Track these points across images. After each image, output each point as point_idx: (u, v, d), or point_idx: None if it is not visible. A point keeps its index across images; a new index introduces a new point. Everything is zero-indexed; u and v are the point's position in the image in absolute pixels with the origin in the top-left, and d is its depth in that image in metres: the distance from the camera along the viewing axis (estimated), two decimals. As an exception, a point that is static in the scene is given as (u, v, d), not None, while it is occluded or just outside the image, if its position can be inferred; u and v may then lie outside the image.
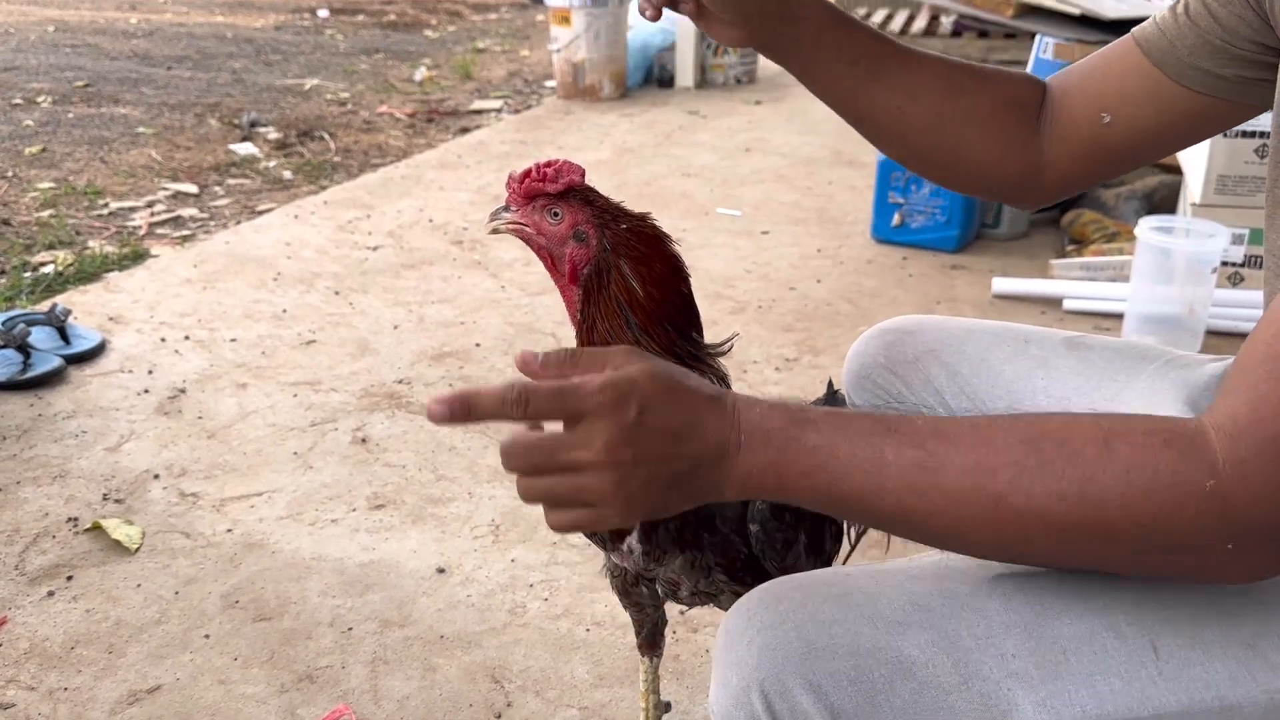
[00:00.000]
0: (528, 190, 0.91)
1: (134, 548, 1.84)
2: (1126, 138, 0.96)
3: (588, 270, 0.92)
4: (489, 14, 9.43)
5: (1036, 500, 0.66)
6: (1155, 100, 0.93)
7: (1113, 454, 0.66)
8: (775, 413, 0.71)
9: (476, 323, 2.81)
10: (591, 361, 0.70)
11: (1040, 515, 0.67)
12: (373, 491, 2.03)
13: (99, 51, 6.54)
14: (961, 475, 0.68)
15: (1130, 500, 0.65)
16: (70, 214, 3.68)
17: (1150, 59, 0.93)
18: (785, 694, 0.71)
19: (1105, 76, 0.97)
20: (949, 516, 0.69)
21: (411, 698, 1.51)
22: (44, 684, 1.53)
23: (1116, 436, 0.67)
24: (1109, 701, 0.71)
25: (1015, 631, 0.73)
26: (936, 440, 0.69)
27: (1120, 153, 0.98)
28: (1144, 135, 0.96)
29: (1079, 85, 0.99)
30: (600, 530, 0.74)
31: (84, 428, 2.23)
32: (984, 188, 1.07)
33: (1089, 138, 0.98)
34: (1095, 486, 0.66)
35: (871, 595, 0.75)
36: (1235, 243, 2.72)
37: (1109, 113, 0.96)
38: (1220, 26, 0.87)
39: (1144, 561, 0.69)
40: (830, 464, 0.69)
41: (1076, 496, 0.66)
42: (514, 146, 4.70)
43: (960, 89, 0.99)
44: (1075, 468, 0.66)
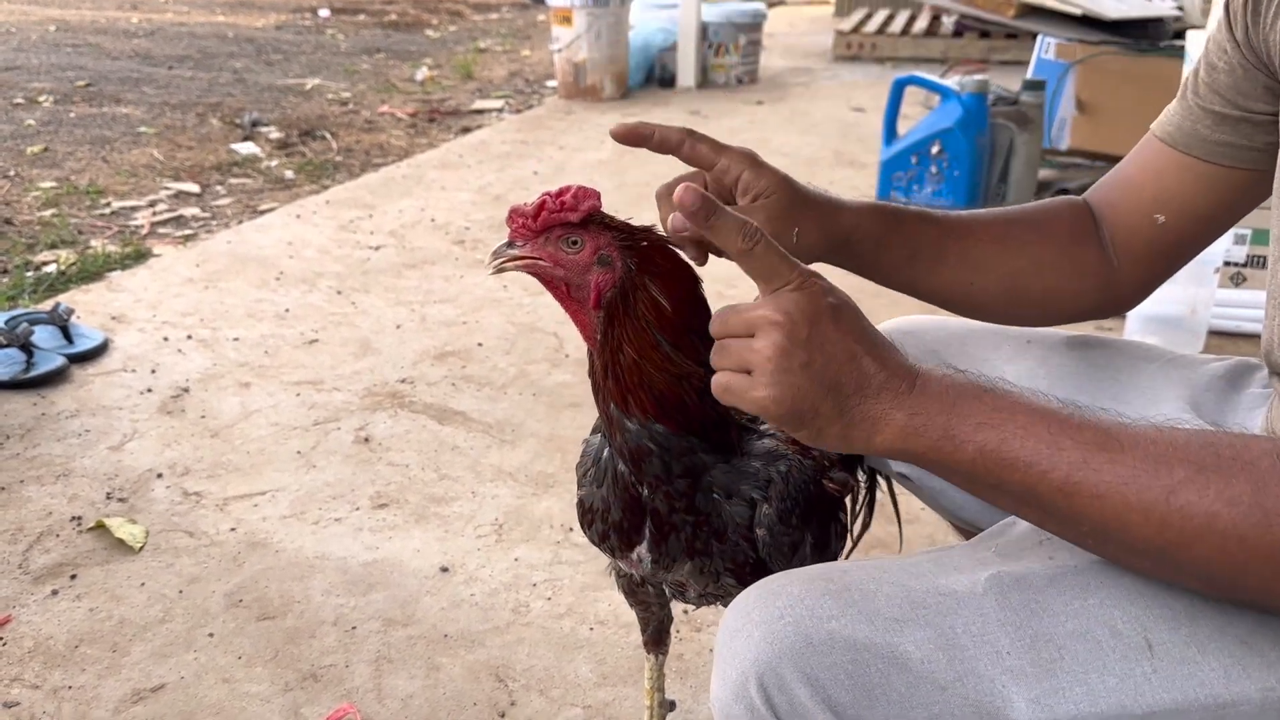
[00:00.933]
0: (546, 222, 0.86)
1: (138, 547, 1.84)
2: (1184, 229, 0.99)
3: (611, 294, 0.88)
4: (490, 14, 9.43)
5: (1208, 500, 0.64)
6: (1198, 187, 0.95)
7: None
8: (959, 376, 0.72)
9: (479, 322, 2.81)
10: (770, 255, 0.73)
11: (1210, 517, 0.64)
12: (376, 491, 2.03)
13: (100, 51, 6.55)
14: (1139, 461, 0.66)
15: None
16: (72, 213, 3.69)
17: (1178, 149, 0.95)
18: (783, 687, 0.72)
19: (1143, 179, 0.99)
20: (1116, 502, 0.66)
21: (415, 696, 1.51)
22: (48, 682, 1.54)
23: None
24: (1103, 699, 0.71)
25: (1010, 629, 0.74)
26: (1120, 428, 0.68)
27: (1184, 244, 1.01)
28: (1200, 222, 0.98)
29: (1122, 197, 1.01)
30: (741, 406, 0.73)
31: (87, 427, 2.23)
32: (1074, 316, 1.09)
33: (1149, 241, 1.00)
34: (1266, 498, 0.63)
35: (869, 592, 0.76)
36: (1237, 243, 2.72)
37: (1161, 213, 0.98)
38: (1226, 96, 0.89)
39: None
40: (1007, 424, 0.68)
41: (1249, 504, 0.63)
42: (515, 146, 4.70)
43: (1020, 244, 1.01)
44: (1251, 475, 0.64)
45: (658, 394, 0.88)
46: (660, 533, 0.95)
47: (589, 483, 1.01)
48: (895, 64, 6.79)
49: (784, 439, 0.98)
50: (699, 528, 0.95)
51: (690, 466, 0.91)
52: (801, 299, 0.71)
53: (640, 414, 0.89)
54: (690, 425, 0.90)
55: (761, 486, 0.95)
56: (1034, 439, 0.68)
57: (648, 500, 0.94)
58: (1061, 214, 1.03)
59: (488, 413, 2.32)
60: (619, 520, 0.97)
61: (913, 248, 0.98)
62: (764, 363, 0.71)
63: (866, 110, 5.40)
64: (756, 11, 6.20)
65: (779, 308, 0.71)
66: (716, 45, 6.09)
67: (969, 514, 1.17)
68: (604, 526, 0.99)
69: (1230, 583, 0.67)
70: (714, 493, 0.94)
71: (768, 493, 0.94)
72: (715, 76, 6.15)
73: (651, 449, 0.90)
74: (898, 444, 0.71)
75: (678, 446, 0.90)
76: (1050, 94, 3.88)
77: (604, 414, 0.92)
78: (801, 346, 0.70)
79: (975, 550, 0.83)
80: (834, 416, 0.71)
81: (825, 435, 0.73)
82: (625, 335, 0.88)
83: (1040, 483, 0.68)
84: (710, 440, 0.92)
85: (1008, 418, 0.69)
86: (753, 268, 0.73)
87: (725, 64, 6.14)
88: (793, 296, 0.71)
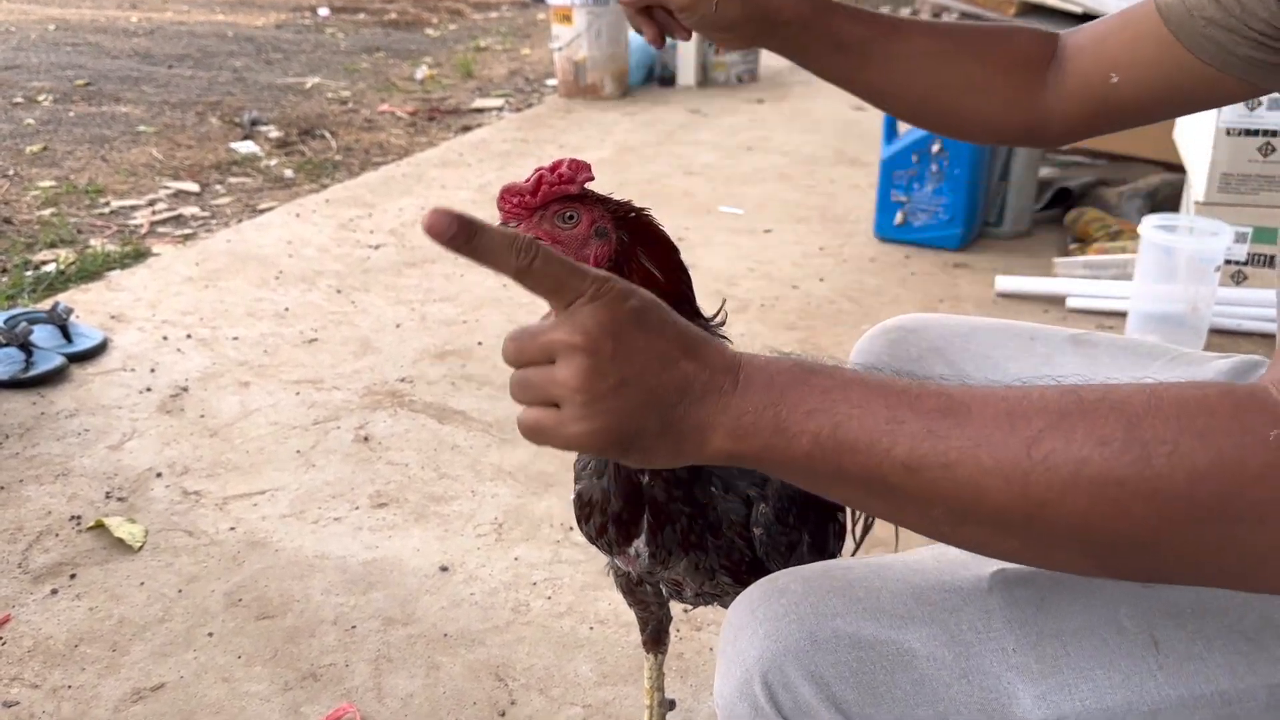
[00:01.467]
0: (546, 195, 0.85)
1: (137, 546, 1.84)
2: (1132, 98, 0.98)
3: (607, 269, 0.87)
4: (490, 12, 9.42)
5: (1075, 445, 0.57)
6: (1165, 66, 0.94)
7: (1160, 403, 0.57)
8: (783, 361, 0.65)
9: (479, 321, 2.81)
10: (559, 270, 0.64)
11: (1079, 464, 0.57)
12: (375, 490, 2.03)
13: (100, 50, 6.54)
14: (992, 419, 0.59)
15: (1182, 446, 0.55)
16: (72, 212, 3.68)
17: (1168, 25, 0.93)
18: (788, 685, 0.72)
19: (1120, 38, 0.99)
20: (969, 468, 0.59)
21: (415, 696, 1.51)
22: (48, 682, 1.53)
23: (1164, 388, 0.58)
24: (1109, 695, 0.71)
25: (1016, 626, 0.73)
26: (965, 392, 0.61)
27: (1124, 112, 1.00)
28: (1149, 98, 0.98)
29: (1092, 43, 1.01)
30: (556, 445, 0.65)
31: (86, 426, 2.23)
32: (988, 139, 1.12)
33: (1095, 95, 0.99)
34: (1143, 431, 0.56)
35: (874, 589, 0.76)
36: (1239, 241, 2.72)
37: (1118, 73, 0.97)
38: (1239, 4, 0.88)
39: (1199, 539, 0.57)
40: (840, 405, 0.61)
41: (1122, 441, 0.56)
42: (515, 145, 4.70)
43: (954, 61, 1.02)
44: (1121, 414, 0.57)
45: None
46: (657, 522, 0.95)
47: (588, 475, 1.01)
48: (895, 62, 6.78)
49: None
50: (695, 519, 0.95)
51: None
52: (599, 311, 0.62)
53: None
54: None
55: (758, 484, 0.95)
56: (871, 416, 0.61)
57: (647, 488, 0.94)
58: (1016, 42, 1.03)
59: (488, 411, 2.31)
60: (618, 511, 0.97)
61: (837, 41, 1.00)
62: (572, 394, 0.62)
63: (867, 109, 5.39)
64: (757, 10, 6.19)
65: (576, 326, 0.62)
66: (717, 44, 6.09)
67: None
68: (602, 519, 0.99)
69: (1111, 541, 0.58)
70: (712, 484, 0.94)
71: (764, 490, 0.94)
72: (716, 75, 6.15)
73: None
74: (730, 448, 0.64)
75: None
76: (1051, 92, 3.86)
77: None
78: (610, 364, 0.62)
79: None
80: (659, 433, 0.64)
81: (655, 454, 0.66)
82: None
83: (883, 462, 0.60)
84: None
85: (840, 398, 0.62)
86: (536, 285, 0.63)
87: (726, 62, 6.13)
88: (588, 310, 0.62)
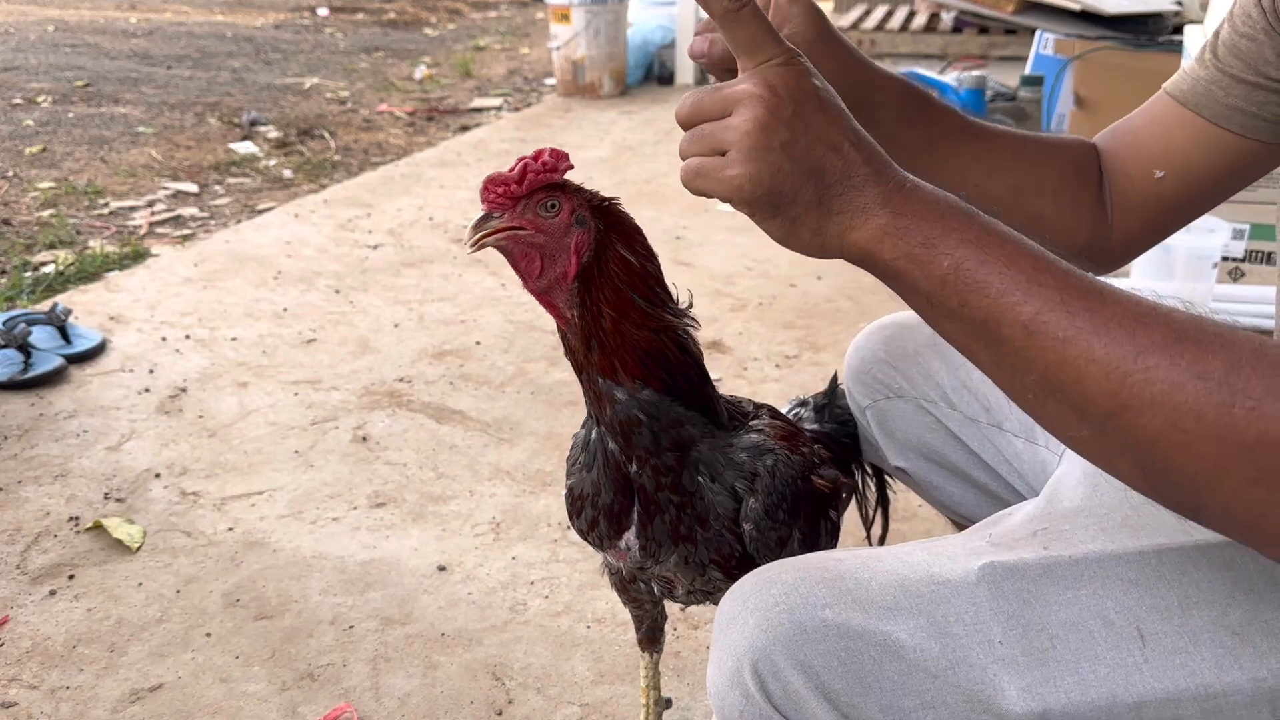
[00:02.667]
0: (532, 183, 0.86)
1: (135, 547, 1.84)
2: (1182, 190, 0.98)
3: (588, 257, 0.89)
4: (489, 11, 9.42)
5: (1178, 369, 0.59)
6: (1201, 148, 0.94)
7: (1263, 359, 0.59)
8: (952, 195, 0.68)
9: (477, 321, 2.81)
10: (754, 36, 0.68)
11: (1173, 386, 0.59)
12: (373, 490, 2.03)
13: (99, 51, 6.54)
14: (1119, 314, 0.61)
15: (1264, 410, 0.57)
16: (71, 213, 3.69)
17: (1187, 107, 0.94)
18: (777, 673, 0.73)
19: (1149, 133, 0.99)
20: (1080, 349, 0.61)
21: (413, 695, 1.51)
22: (46, 683, 1.54)
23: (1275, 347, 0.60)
24: (1094, 688, 0.71)
25: (1003, 618, 0.74)
26: (1109, 286, 0.64)
27: (1178, 206, 0.99)
28: (1197, 185, 0.97)
29: (1126, 146, 1.01)
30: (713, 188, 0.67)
31: (85, 427, 2.23)
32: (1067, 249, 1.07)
33: (1145, 195, 0.99)
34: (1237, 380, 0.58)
35: (863, 580, 0.76)
36: (1236, 238, 2.72)
37: (1160, 168, 0.97)
38: (1247, 61, 0.88)
39: (1248, 497, 0.59)
40: (993, 248, 0.64)
41: (1218, 381, 0.58)
42: (514, 144, 4.70)
43: (1031, 161, 1.00)
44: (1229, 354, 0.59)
45: (641, 352, 0.90)
46: (647, 513, 0.96)
47: (578, 469, 1.02)
48: (894, 60, 6.77)
49: (771, 433, 0.99)
50: (683, 509, 0.95)
51: (678, 439, 0.93)
52: (788, 74, 0.66)
53: (628, 378, 0.90)
54: (675, 382, 0.92)
55: (747, 478, 0.95)
56: (1015, 268, 0.63)
57: (636, 477, 0.95)
58: (1074, 148, 1.02)
59: (486, 411, 2.32)
60: (609, 504, 0.97)
61: (932, 132, 0.97)
62: (741, 138, 0.65)
63: (865, 107, 5.40)
64: (755, 8, 6.18)
65: (762, 80, 0.66)
66: (715, 42, 6.08)
67: (966, 509, 1.17)
68: (593, 513, 1.00)
69: (1168, 467, 0.61)
70: (699, 473, 0.95)
71: (754, 485, 0.95)
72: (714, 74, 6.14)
73: (641, 419, 0.91)
74: (872, 244, 0.65)
75: (666, 417, 0.92)
76: (1048, 89, 3.87)
77: (591, 391, 0.93)
78: (784, 124, 0.65)
79: (969, 540, 0.84)
80: (812, 204, 0.66)
81: (799, 227, 0.67)
82: (603, 298, 0.89)
83: (1007, 314, 0.63)
84: (694, 402, 0.94)
85: (996, 242, 0.64)
86: (736, 36, 0.68)
87: (724, 61, 6.13)
88: (778, 71, 0.66)
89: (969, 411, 1.11)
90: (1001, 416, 1.10)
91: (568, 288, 0.90)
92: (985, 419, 1.10)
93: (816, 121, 0.66)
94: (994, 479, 1.12)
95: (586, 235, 0.89)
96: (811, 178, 0.66)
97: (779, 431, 1.00)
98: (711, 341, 2.59)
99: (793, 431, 1.04)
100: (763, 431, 0.99)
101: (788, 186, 0.66)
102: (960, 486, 1.16)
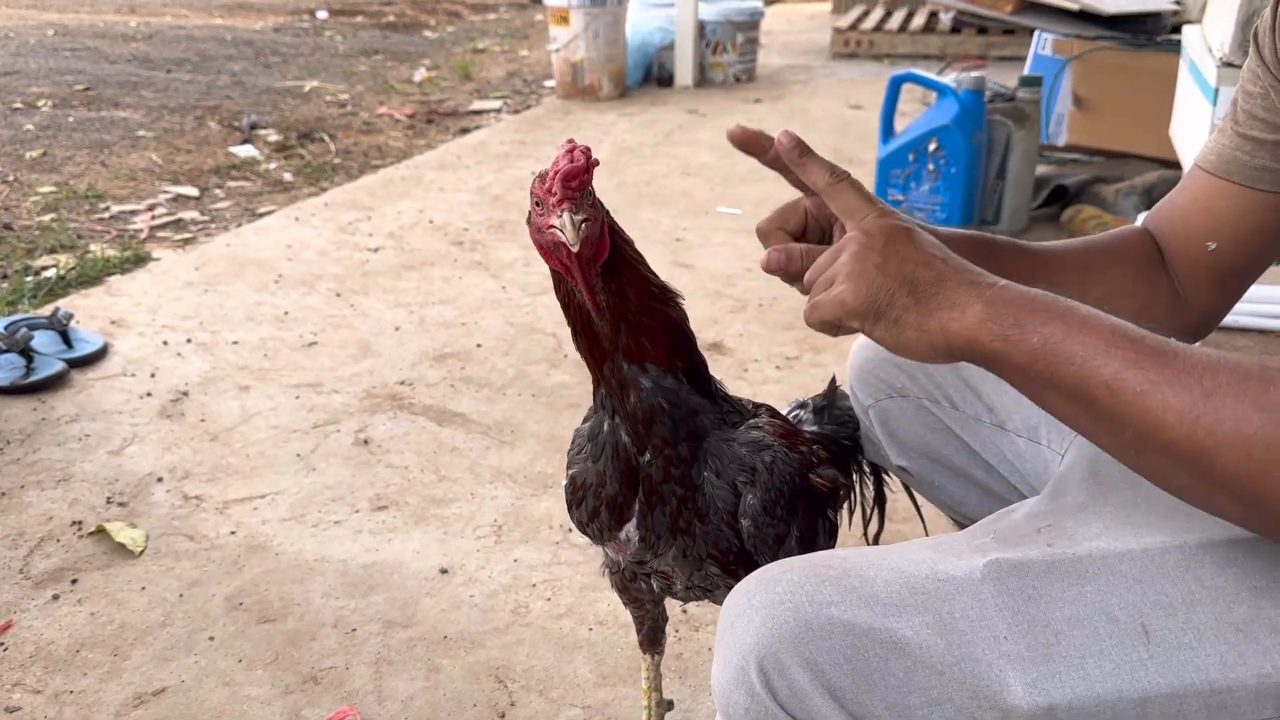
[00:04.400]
0: (591, 168, 0.85)
1: (138, 551, 1.84)
2: (1237, 254, 1.01)
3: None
4: (488, 14, 9.43)
5: (1243, 405, 0.65)
6: (1243, 212, 0.97)
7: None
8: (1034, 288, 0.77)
9: (478, 323, 2.81)
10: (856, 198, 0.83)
11: (1240, 421, 0.65)
12: (375, 493, 2.03)
13: (99, 55, 6.55)
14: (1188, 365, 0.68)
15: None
16: (71, 217, 3.69)
17: (1219, 176, 0.97)
18: (783, 671, 0.73)
19: (1193, 209, 1.02)
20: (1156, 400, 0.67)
21: (415, 698, 1.51)
22: (49, 687, 1.54)
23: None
24: (1099, 683, 0.72)
25: (1008, 614, 0.74)
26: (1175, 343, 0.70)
27: (1240, 268, 1.02)
28: (1250, 246, 1.00)
29: (1175, 225, 1.04)
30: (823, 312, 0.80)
31: (87, 431, 2.23)
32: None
33: (1207, 267, 1.02)
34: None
35: (868, 578, 0.77)
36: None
37: (1211, 239, 1.00)
38: (1263, 120, 0.91)
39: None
40: (1071, 323, 0.72)
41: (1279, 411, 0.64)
42: (513, 147, 4.70)
43: (1101, 272, 1.03)
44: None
45: (665, 327, 0.93)
46: (649, 504, 0.97)
47: (583, 459, 1.02)
48: (893, 61, 6.78)
49: (771, 430, 0.99)
50: (685, 502, 0.97)
51: (694, 430, 0.95)
52: (881, 220, 0.80)
53: (656, 358, 0.92)
54: (695, 356, 0.96)
55: (747, 473, 0.96)
56: (1095, 336, 0.71)
57: (645, 466, 0.96)
58: (1132, 241, 1.05)
59: (487, 414, 2.32)
60: (613, 495, 0.98)
61: (999, 264, 0.98)
62: (842, 266, 0.79)
63: (865, 108, 5.40)
64: (754, 9, 6.19)
65: (860, 228, 0.80)
66: (714, 43, 6.09)
67: (968, 509, 1.17)
68: (595, 503, 1.00)
69: (1256, 496, 0.66)
70: (707, 466, 0.96)
71: (753, 479, 0.95)
72: (713, 75, 6.15)
73: (664, 407, 0.93)
74: (972, 331, 0.75)
75: (685, 405, 0.94)
76: (1047, 90, 3.87)
77: (615, 378, 0.93)
78: (877, 251, 0.78)
79: (973, 537, 0.84)
80: (910, 305, 0.77)
81: (903, 327, 0.77)
82: (627, 279, 0.91)
83: (1091, 377, 0.70)
84: (705, 391, 0.97)
85: (1078, 317, 0.72)
86: (837, 203, 0.83)
87: (723, 62, 6.14)
88: (873, 219, 0.80)
89: (972, 411, 1.12)
90: (1004, 417, 1.10)
91: (595, 272, 0.90)
92: (988, 419, 1.11)
93: (907, 248, 0.79)
94: (996, 479, 1.13)
95: (607, 219, 0.90)
96: (905, 286, 0.77)
97: (778, 429, 1.01)
98: (712, 343, 2.59)
99: (792, 430, 1.05)
100: (762, 429, 1.00)
101: (883, 295, 0.78)
102: (962, 486, 1.16)
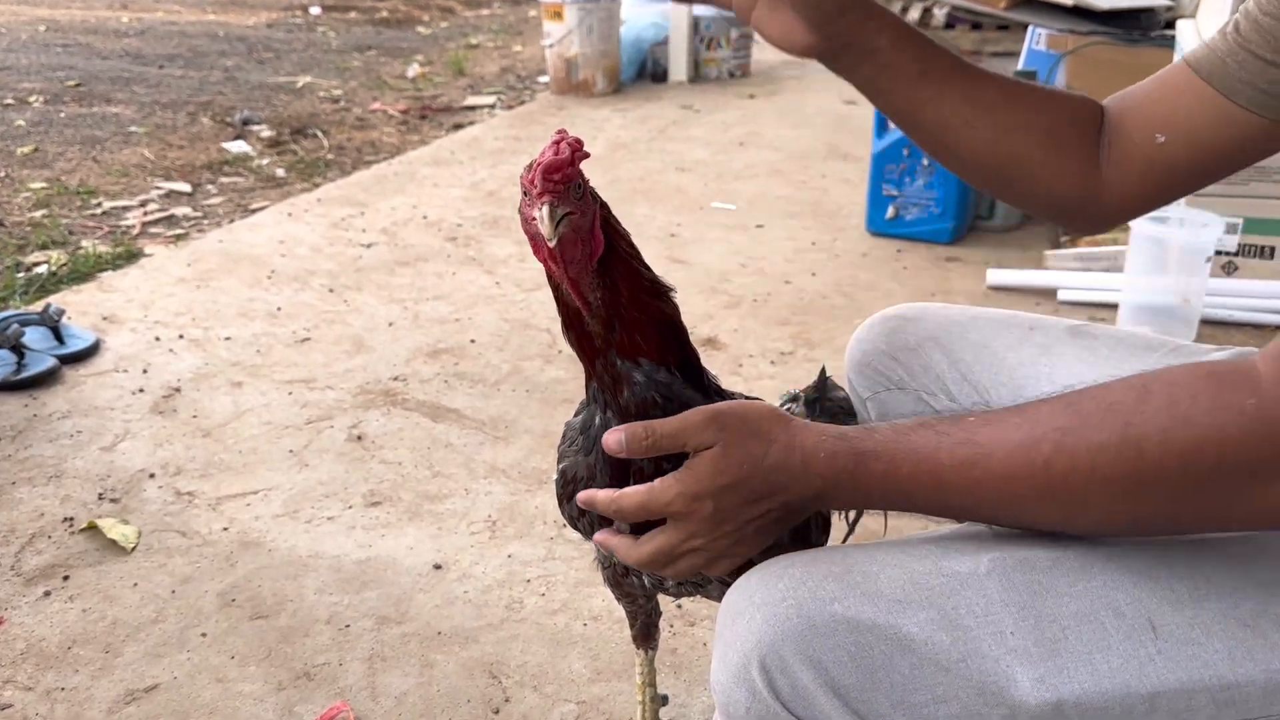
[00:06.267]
0: (579, 161, 0.82)
1: (130, 547, 1.84)
2: (1182, 157, 0.97)
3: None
4: (481, 9, 9.41)
5: (1080, 457, 0.67)
6: (1208, 117, 0.94)
7: (1149, 394, 0.66)
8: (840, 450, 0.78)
9: (471, 319, 2.80)
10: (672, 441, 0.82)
11: (1088, 472, 0.67)
12: (369, 488, 2.03)
13: (91, 50, 6.52)
14: (1010, 453, 0.71)
15: (1171, 433, 0.65)
16: (63, 214, 3.67)
17: (1200, 75, 0.94)
18: (785, 669, 0.72)
19: (1160, 97, 0.99)
20: (1005, 494, 0.71)
21: (409, 694, 1.51)
22: (41, 684, 1.53)
23: (1155, 379, 0.67)
24: (1106, 679, 0.71)
25: (1013, 609, 0.73)
26: (984, 427, 0.73)
27: (1177, 173, 0.99)
28: (1199, 155, 0.96)
29: (1134, 107, 1.01)
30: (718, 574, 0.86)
31: (79, 427, 2.23)
32: (1045, 205, 1.07)
33: (1146, 158, 0.98)
34: (1134, 429, 0.66)
35: (871, 573, 0.76)
36: (1229, 232, 2.72)
37: (1164, 132, 0.97)
38: (1267, 39, 0.88)
39: (1206, 506, 0.68)
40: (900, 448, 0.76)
41: (1118, 443, 0.66)
42: (507, 143, 4.69)
43: (1021, 104, 1.00)
44: (1114, 416, 0.67)
45: (658, 321, 0.90)
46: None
47: (574, 452, 1.01)
48: (887, 56, 6.77)
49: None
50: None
51: None
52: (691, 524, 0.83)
53: (649, 352, 0.90)
54: (685, 353, 0.94)
55: None
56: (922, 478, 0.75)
57: (637, 460, 0.95)
58: (1072, 99, 1.03)
59: (481, 409, 2.31)
60: (603, 488, 0.97)
61: (925, 65, 0.97)
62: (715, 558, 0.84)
63: (859, 103, 5.40)
64: (748, 5, 6.18)
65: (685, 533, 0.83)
66: (708, 39, 6.08)
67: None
68: None
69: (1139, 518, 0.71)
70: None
71: None
72: (707, 70, 6.14)
73: (657, 400, 0.91)
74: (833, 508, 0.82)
75: (678, 398, 0.92)
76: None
77: (609, 374, 0.92)
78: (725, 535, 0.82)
79: (976, 531, 0.83)
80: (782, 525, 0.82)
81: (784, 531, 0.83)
82: (619, 273, 0.88)
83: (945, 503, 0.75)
84: (699, 384, 0.95)
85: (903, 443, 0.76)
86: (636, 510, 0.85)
87: (717, 58, 6.13)
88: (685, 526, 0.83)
89: (969, 404, 1.11)
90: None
91: (590, 269, 0.87)
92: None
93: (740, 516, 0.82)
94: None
95: (600, 212, 0.87)
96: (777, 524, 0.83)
97: None
98: (706, 338, 2.59)
99: None
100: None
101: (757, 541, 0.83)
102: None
